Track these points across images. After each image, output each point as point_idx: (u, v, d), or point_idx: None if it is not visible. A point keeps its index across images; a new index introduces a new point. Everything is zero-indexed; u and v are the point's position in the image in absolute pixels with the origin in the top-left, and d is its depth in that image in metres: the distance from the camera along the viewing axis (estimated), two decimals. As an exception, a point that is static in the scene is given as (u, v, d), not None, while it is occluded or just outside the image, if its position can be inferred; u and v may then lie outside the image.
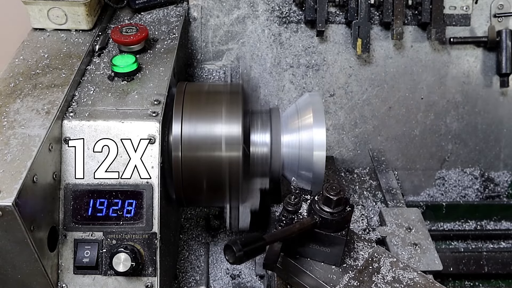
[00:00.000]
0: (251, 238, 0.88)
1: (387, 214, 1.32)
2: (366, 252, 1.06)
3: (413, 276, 1.02)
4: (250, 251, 0.86)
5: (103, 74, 1.22)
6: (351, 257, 1.06)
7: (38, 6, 1.30)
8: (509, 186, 1.77)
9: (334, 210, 0.99)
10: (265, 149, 1.21)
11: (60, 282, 1.07)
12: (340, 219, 0.99)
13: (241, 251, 0.84)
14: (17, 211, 0.89)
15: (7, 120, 1.04)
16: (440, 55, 1.73)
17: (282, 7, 1.67)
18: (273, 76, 1.71)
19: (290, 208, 1.03)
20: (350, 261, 1.05)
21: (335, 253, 1.02)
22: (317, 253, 1.03)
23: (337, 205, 0.99)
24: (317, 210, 1.00)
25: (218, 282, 1.45)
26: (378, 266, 1.04)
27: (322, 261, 1.04)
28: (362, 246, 1.08)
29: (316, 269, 1.03)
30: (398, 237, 1.25)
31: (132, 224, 1.09)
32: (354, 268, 1.03)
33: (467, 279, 1.50)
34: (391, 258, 1.06)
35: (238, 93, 1.22)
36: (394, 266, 1.04)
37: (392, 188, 1.50)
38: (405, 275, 1.02)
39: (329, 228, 1.00)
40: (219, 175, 1.15)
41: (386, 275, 1.02)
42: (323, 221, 0.99)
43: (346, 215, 0.99)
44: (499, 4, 1.70)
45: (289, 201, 1.04)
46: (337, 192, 0.98)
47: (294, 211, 1.03)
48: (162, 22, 1.46)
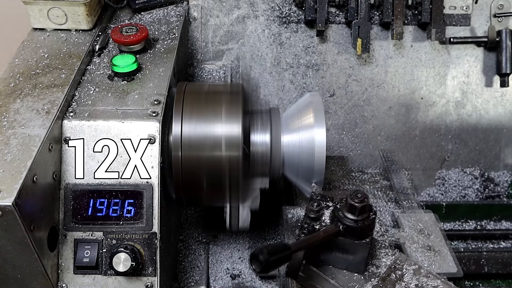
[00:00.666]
0: (277, 247, 0.88)
1: (402, 217, 1.32)
2: (388, 259, 1.05)
3: (436, 283, 1.01)
4: (277, 260, 0.86)
5: (103, 74, 1.22)
6: (374, 264, 1.05)
7: (38, 6, 1.30)
8: (509, 186, 1.77)
9: (359, 218, 0.98)
10: (265, 149, 1.21)
11: (60, 282, 1.07)
12: (364, 227, 0.98)
13: (268, 261, 0.84)
14: (17, 211, 0.89)
15: (7, 120, 1.04)
16: (440, 55, 1.73)
17: (282, 7, 1.67)
18: (273, 76, 1.71)
19: (312, 215, 1.03)
20: (372, 269, 1.04)
21: (358, 261, 1.02)
22: (340, 260, 1.03)
23: (361, 212, 0.98)
24: (341, 218, 0.99)
25: (218, 282, 1.45)
26: (401, 274, 1.03)
27: (345, 269, 1.03)
28: (384, 253, 1.07)
29: (339, 277, 1.02)
30: (414, 241, 1.24)
31: (132, 224, 1.09)
32: (377, 275, 1.03)
33: (467, 279, 1.50)
34: (414, 266, 1.05)
35: (238, 93, 1.22)
36: (417, 274, 1.03)
37: (404, 188, 1.50)
38: (429, 283, 1.01)
39: (353, 236, 0.99)
40: (219, 175, 1.15)
41: (410, 283, 1.01)
42: (347, 228, 0.98)
43: (370, 222, 0.99)
44: (499, 4, 1.70)
45: (312, 208, 1.03)
46: (362, 200, 0.98)
47: (317, 218, 1.03)
48: (162, 22, 1.46)
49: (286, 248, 0.89)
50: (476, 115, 1.77)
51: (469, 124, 1.78)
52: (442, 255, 1.23)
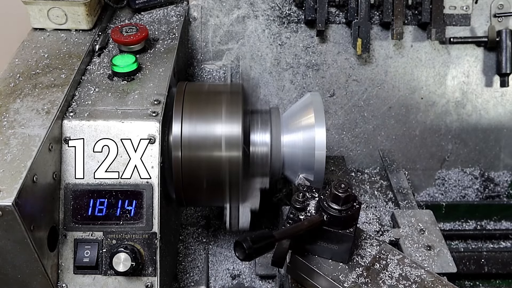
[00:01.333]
0: (261, 235, 0.89)
1: (400, 216, 1.32)
2: (373, 249, 1.07)
3: (420, 273, 1.03)
4: (260, 248, 0.87)
5: (103, 74, 1.22)
6: (359, 254, 1.06)
7: (38, 6, 1.30)
8: (509, 186, 1.77)
9: (342, 207, 0.99)
10: (265, 149, 1.21)
11: (60, 282, 1.07)
12: (348, 216, 0.99)
13: (251, 248, 0.85)
14: (17, 211, 0.89)
15: (7, 120, 1.04)
16: (440, 55, 1.73)
17: (282, 7, 1.67)
18: (273, 76, 1.71)
19: (298, 205, 1.04)
20: (357, 258, 1.05)
21: (343, 250, 1.03)
22: (325, 250, 1.04)
23: (345, 202, 0.99)
24: (325, 208, 1.00)
25: (218, 282, 1.45)
26: (386, 264, 1.04)
27: (330, 258, 1.05)
28: (369, 243, 1.08)
29: (324, 266, 1.04)
30: (412, 239, 1.25)
31: (132, 224, 1.09)
32: (361, 265, 1.04)
33: (467, 279, 1.50)
34: (398, 256, 1.06)
35: (238, 93, 1.22)
36: (401, 263, 1.04)
37: (403, 188, 1.50)
38: (412, 272, 1.03)
39: (337, 225, 1.00)
40: (219, 175, 1.15)
41: (394, 272, 1.03)
42: (331, 218, 1.00)
43: (354, 212, 1.00)
44: (499, 4, 1.70)
45: (297, 199, 1.05)
46: (345, 190, 0.99)
47: (302, 208, 1.04)
48: (162, 22, 1.46)
49: (270, 236, 0.90)
50: (476, 115, 1.77)
51: (469, 124, 1.78)
52: (441, 255, 1.23)
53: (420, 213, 1.34)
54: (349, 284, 1.01)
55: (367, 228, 1.30)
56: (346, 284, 1.01)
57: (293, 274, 1.09)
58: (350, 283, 1.01)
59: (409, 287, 1.00)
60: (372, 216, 1.34)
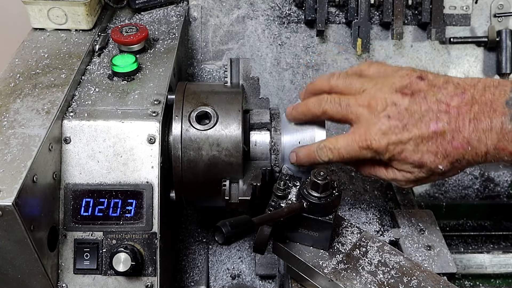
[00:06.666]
0: (240, 220, 0.91)
1: (400, 216, 1.32)
2: (354, 237, 1.10)
3: (399, 259, 1.06)
4: (239, 233, 0.89)
5: (103, 74, 1.22)
6: (339, 242, 1.09)
7: (38, 6, 1.30)
8: (509, 186, 1.77)
9: (322, 195, 1.02)
10: (265, 149, 1.21)
11: (60, 282, 1.08)
12: (328, 204, 1.02)
13: (230, 232, 0.87)
14: (17, 211, 0.89)
15: (7, 120, 1.04)
16: (440, 55, 1.73)
17: (282, 7, 1.67)
18: (273, 76, 1.71)
19: (279, 193, 1.07)
20: (338, 246, 1.09)
21: (323, 238, 1.06)
22: (306, 237, 1.07)
23: (324, 189, 1.02)
24: (305, 195, 1.03)
25: (218, 282, 1.45)
26: (366, 250, 1.07)
27: (311, 246, 1.08)
28: (350, 231, 1.12)
29: (305, 253, 1.07)
30: (412, 239, 1.25)
31: (132, 224, 1.09)
32: (342, 252, 1.07)
33: (467, 279, 1.50)
34: (378, 243, 1.09)
35: (238, 93, 1.22)
36: (381, 250, 1.08)
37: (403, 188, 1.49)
38: (392, 259, 1.06)
39: (317, 213, 1.03)
40: (219, 175, 1.15)
41: (373, 259, 1.06)
42: (311, 205, 1.02)
43: (333, 199, 1.03)
44: (499, 4, 1.70)
45: (278, 187, 1.08)
46: (324, 177, 1.02)
47: (283, 196, 1.07)
48: (162, 22, 1.46)
49: (248, 221, 0.92)
50: (476, 115, 1.77)
51: (469, 124, 1.77)
52: (441, 255, 1.23)
53: (420, 213, 1.34)
54: (329, 270, 1.03)
55: (367, 228, 1.30)
56: (326, 270, 1.03)
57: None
58: (330, 269, 1.04)
59: (387, 272, 1.03)
60: (372, 216, 1.34)
